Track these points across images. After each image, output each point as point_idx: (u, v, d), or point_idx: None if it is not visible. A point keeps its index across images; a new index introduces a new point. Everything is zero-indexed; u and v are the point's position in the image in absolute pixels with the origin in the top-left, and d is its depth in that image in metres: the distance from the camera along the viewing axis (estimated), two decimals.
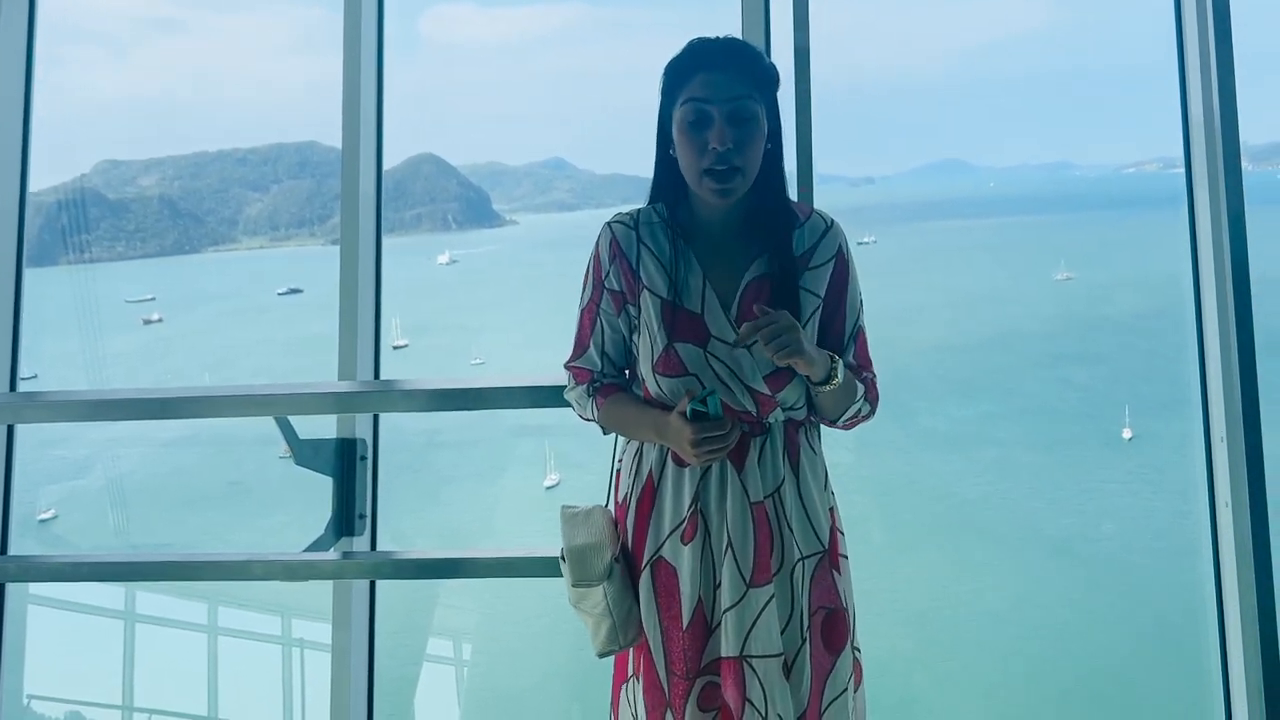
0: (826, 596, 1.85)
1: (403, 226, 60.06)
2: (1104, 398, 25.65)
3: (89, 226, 50.93)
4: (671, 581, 1.84)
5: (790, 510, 1.83)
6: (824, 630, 1.84)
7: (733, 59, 1.81)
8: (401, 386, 2.48)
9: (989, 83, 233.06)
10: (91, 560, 2.83)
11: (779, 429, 1.84)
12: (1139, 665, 13.96)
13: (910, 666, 14.17)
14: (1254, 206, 2.62)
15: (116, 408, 2.65)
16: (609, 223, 1.92)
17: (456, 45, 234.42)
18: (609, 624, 1.85)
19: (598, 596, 1.84)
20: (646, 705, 1.85)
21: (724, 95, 1.77)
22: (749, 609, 1.78)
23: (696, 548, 1.81)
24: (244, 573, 2.54)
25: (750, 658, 1.77)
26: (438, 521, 20.26)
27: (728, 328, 1.82)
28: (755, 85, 1.80)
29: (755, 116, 1.79)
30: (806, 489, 1.85)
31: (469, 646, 11.55)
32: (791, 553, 1.82)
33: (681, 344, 1.82)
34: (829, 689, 1.83)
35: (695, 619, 1.81)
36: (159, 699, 4.36)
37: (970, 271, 42.01)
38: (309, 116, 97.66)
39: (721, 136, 1.76)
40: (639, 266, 1.87)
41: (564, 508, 1.99)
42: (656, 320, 1.84)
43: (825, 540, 1.86)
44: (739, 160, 1.77)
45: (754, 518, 1.80)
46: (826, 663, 1.83)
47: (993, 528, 19.68)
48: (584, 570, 1.85)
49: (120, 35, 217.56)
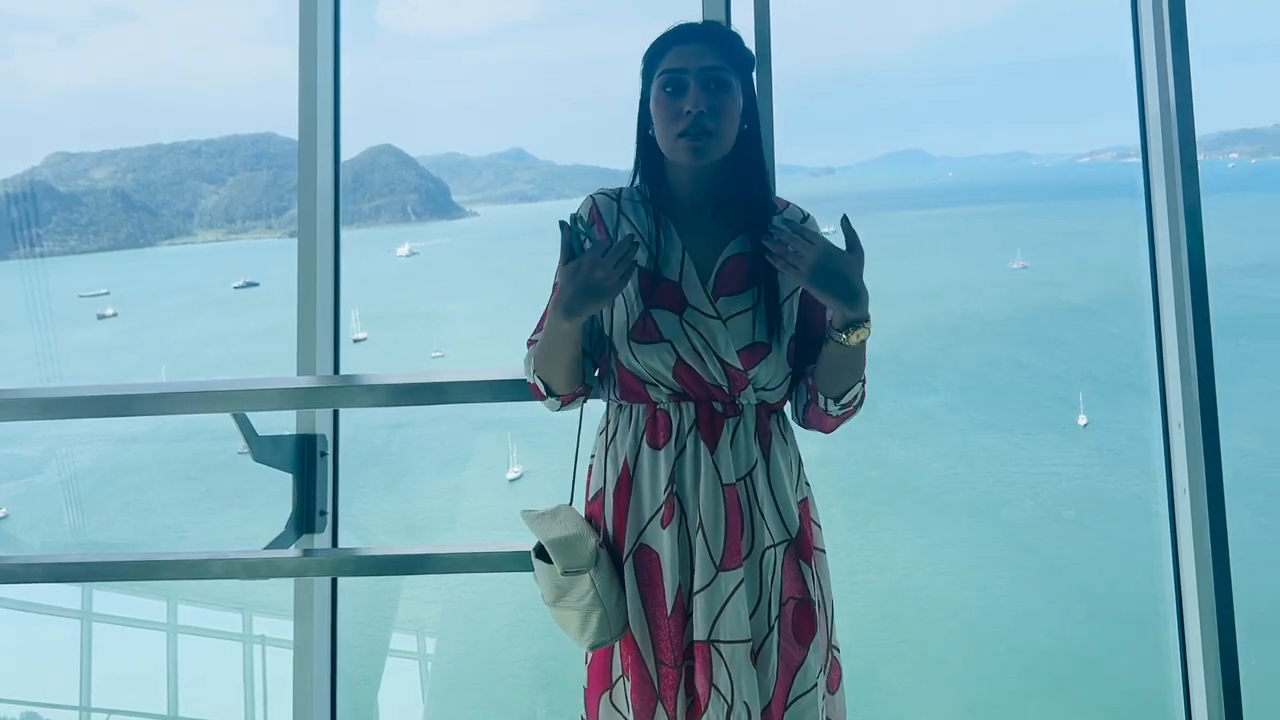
0: (795, 587, 1.82)
1: (362, 218, 59.66)
2: (1060, 384, 26.03)
3: (40, 220, 50.11)
4: (654, 568, 1.82)
5: (761, 495, 1.81)
6: (794, 622, 1.81)
7: (708, 33, 1.84)
8: (362, 381, 2.44)
9: (948, 73, 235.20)
10: (44, 561, 2.77)
11: (751, 411, 1.83)
12: (1100, 646, 14.19)
13: (873, 650, 14.31)
14: (1204, 194, 2.66)
15: (69, 405, 2.59)
16: (592, 194, 1.93)
17: (414, 35, 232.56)
18: (599, 613, 1.79)
19: (585, 586, 1.79)
20: (636, 704, 1.80)
21: (698, 64, 1.79)
22: (718, 593, 1.76)
23: (674, 531, 1.80)
24: (203, 571, 2.50)
25: (718, 643, 1.76)
26: (403, 514, 20.17)
27: (705, 299, 1.81)
28: (730, 60, 1.82)
29: (729, 84, 1.80)
30: (778, 475, 1.84)
31: (433, 640, 11.51)
32: (762, 538, 1.80)
33: (658, 310, 1.82)
34: (797, 683, 1.80)
35: (678, 605, 1.79)
36: (118, 699, 4.31)
37: (929, 260, 42.44)
38: (265, 107, 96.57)
39: (696, 100, 1.78)
40: (617, 234, 1.87)
41: (525, 512, 1.93)
42: (634, 288, 1.83)
43: (794, 529, 1.84)
44: (712, 124, 1.78)
45: (725, 500, 1.79)
46: (796, 655, 1.80)
47: (953, 513, 19.91)
48: (571, 558, 1.79)
49: (68, 23, 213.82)
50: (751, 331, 1.81)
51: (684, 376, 1.81)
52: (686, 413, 1.82)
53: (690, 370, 1.80)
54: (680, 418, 1.82)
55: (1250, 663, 2.55)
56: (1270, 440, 20.53)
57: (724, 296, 1.81)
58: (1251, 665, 2.57)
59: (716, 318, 1.80)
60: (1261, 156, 69.98)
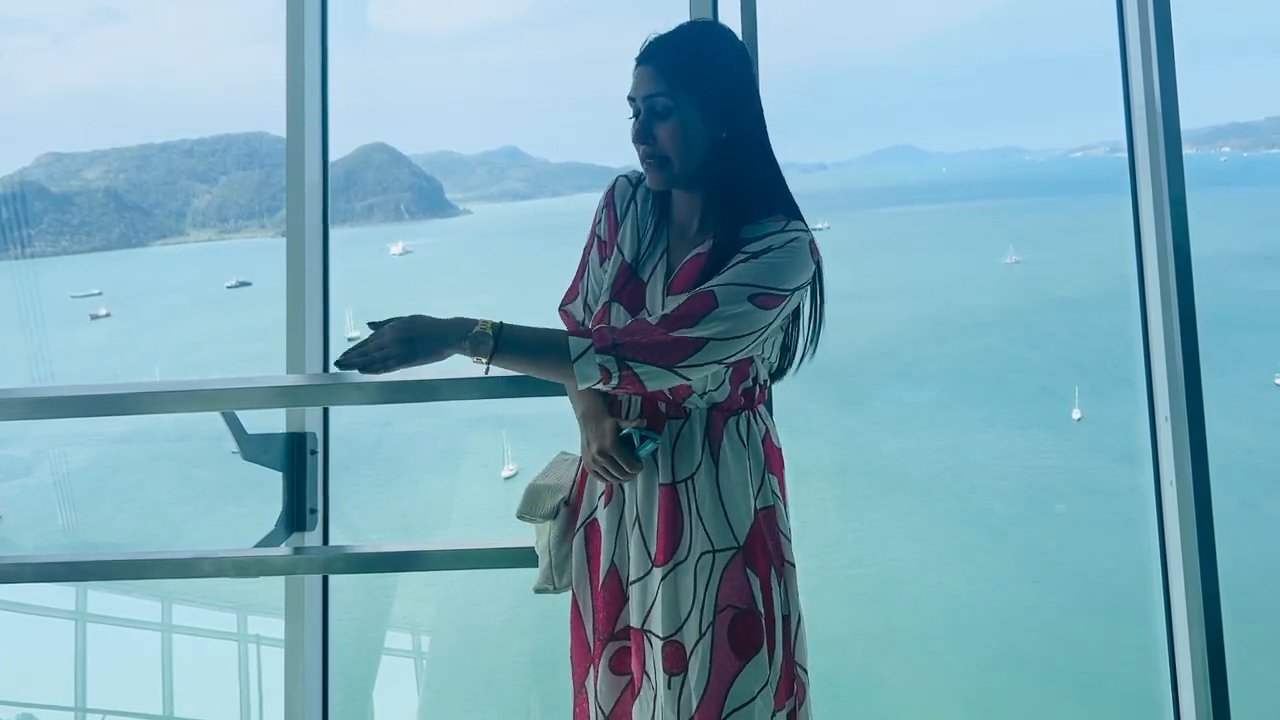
0: (736, 596, 1.76)
1: (355, 217, 59.54)
2: (1053, 379, 26.06)
3: (31, 220, 49.95)
4: (598, 542, 1.90)
5: (702, 499, 1.78)
6: (731, 631, 1.75)
7: (656, 54, 1.80)
8: (351, 379, 2.44)
9: (941, 69, 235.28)
10: (36, 561, 2.77)
11: (700, 415, 1.81)
12: (1090, 638, 14.24)
13: (869, 644, 14.35)
14: (1196, 188, 2.67)
15: (60, 405, 2.58)
16: (620, 174, 1.98)
17: (407, 34, 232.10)
18: (546, 561, 1.96)
19: (542, 534, 1.96)
20: (575, 659, 1.94)
21: (643, 92, 1.80)
22: (649, 586, 1.80)
23: (614, 512, 1.87)
24: (193, 570, 2.50)
25: (650, 633, 1.79)
26: (397, 513, 20.15)
27: (659, 301, 1.83)
28: (675, 80, 1.77)
29: (671, 110, 1.77)
30: (726, 479, 1.79)
31: (427, 637, 11.51)
32: (699, 542, 1.78)
33: (617, 305, 1.86)
34: (731, 697, 1.73)
35: (609, 581, 1.85)
36: (113, 699, 4.30)
37: (922, 256, 42.45)
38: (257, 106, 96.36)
39: (639, 133, 1.81)
40: (624, 221, 1.93)
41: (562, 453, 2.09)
42: (611, 275, 1.89)
43: (741, 538, 1.78)
44: (658, 152, 1.80)
45: (660, 499, 1.80)
46: (731, 666, 1.74)
47: (945, 507, 19.94)
48: (531, 506, 1.96)
49: (59, 23, 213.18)
50: None
51: None
52: (635, 405, 1.85)
53: None
54: (628, 408, 1.86)
55: (1239, 655, 2.57)
56: (1262, 431, 20.61)
57: (673, 295, 1.81)
58: (1240, 658, 2.59)
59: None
60: (1253, 150, 70.15)
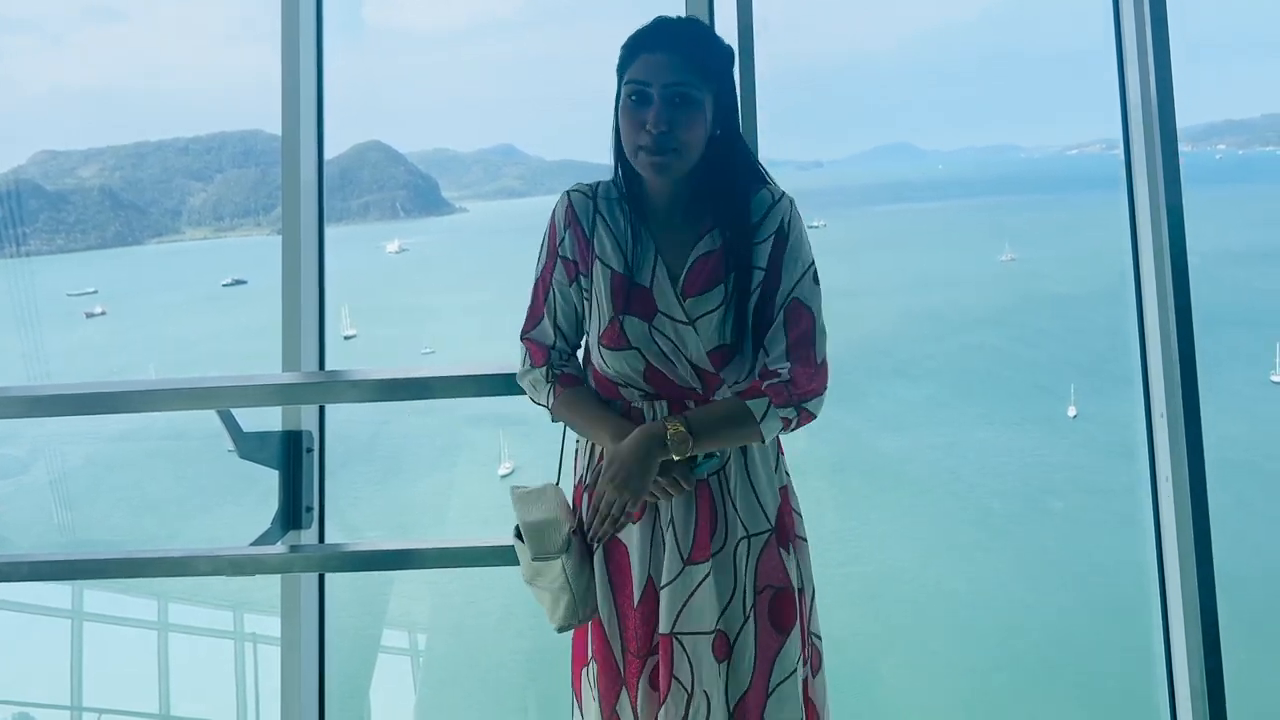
0: (774, 575, 1.84)
1: (350, 215, 59.44)
2: (1049, 376, 26.08)
3: (26, 219, 49.80)
4: (623, 560, 1.85)
5: (735, 488, 1.83)
6: (771, 609, 1.83)
7: (676, 42, 1.79)
8: (347, 377, 2.45)
9: (937, 67, 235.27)
10: (30, 559, 2.76)
11: None
12: (1088, 635, 14.25)
13: (867, 644, 14.34)
14: (1192, 186, 2.67)
15: (55, 403, 2.58)
16: (567, 191, 1.92)
17: (402, 31, 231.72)
18: (568, 598, 1.83)
19: (556, 570, 1.82)
20: (601, 688, 1.86)
21: (663, 79, 1.76)
22: (684, 585, 1.79)
23: (645, 526, 1.83)
24: (189, 569, 2.50)
25: (680, 635, 1.78)
26: (394, 510, 20.14)
27: (674, 303, 1.81)
28: (697, 70, 1.77)
29: (693, 101, 1.77)
30: (753, 467, 1.85)
31: (424, 635, 11.52)
32: (735, 530, 1.82)
33: (627, 317, 1.82)
34: (776, 670, 1.82)
35: (645, 596, 1.82)
36: (109, 698, 4.30)
37: (918, 254, 42.47)
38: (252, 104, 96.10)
39: (656, 119, 1.75)
40: (593, 236, 1.87)
41: (514, 488, 1.96)
42: (606, 292, 1.84)
43: (773, 519, 1.85)
44: (674, 142, 1.76)
45: (696, 495, 1.81)
46: (774, 643, 1.82)
47: (942, 504, 19.96)
48: (542, 544, 1.82)
49: (55, 22, 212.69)
50: (720, 333, 1.80)
51: (655, 380, 1.82)
52: (660, 410, 1.83)
53: (660, 374, 1.82)
54: (653, 415, 1.83)
55: (1235, 652, 2.58)
56: (1258, 428, 20.63)
57: (692, 297, 1.81)
58: (1236, 654, 2.59)
59: (686, 322, 1.81)
60: (1249, 147, 70.12)
